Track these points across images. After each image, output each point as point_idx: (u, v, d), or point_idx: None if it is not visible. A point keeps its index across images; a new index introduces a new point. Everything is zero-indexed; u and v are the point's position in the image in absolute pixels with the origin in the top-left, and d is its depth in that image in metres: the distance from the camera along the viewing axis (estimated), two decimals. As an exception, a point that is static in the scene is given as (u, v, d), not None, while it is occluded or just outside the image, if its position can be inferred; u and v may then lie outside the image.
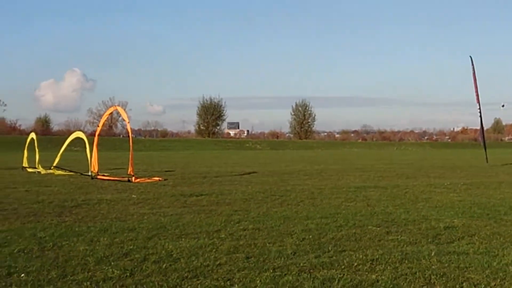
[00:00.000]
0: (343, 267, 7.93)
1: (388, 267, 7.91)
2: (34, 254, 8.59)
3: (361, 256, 8.58)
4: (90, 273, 7.42)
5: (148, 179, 23.25)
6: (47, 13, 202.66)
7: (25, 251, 8.76)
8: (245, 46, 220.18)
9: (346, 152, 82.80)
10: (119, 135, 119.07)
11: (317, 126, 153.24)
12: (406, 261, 8.27)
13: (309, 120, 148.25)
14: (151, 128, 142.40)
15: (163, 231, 10.67)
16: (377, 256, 8.56)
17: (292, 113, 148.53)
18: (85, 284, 6.95)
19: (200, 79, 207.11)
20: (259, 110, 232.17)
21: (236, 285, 7.02)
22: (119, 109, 28.40)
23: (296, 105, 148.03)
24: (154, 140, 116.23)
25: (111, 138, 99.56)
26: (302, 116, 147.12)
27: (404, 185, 20.83)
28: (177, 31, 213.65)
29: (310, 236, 10.26)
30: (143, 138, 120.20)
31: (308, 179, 24.27)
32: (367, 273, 7.63)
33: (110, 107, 37.14)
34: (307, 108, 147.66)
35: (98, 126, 28.32)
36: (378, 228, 11.16)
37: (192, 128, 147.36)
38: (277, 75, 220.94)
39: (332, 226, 11.45)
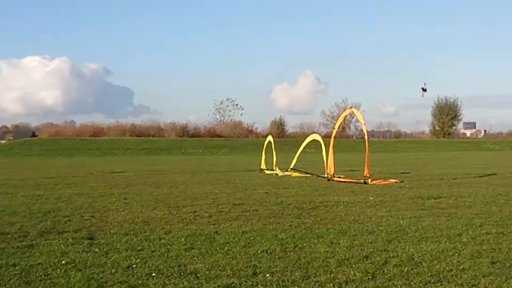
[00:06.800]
0: None
1: None
2: (277, 254, 8.87)
3: None
4: (332, 275, 7.51)
5: (384, 181, 23.12)
6: (277, 18, 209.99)
7: (268, 252, 9.07)
8: (481, 43, 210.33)
9: None
10: (352, 137, 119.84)
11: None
12: None
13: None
14: (384, 129, 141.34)
15: (402, 234, 10.54)
16: None
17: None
18: (328, 285, 7.04)
19: (435, 78, 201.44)
20: (496, 109, 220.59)
21: (483, 292, 6.72)
22: (355, 111, 28.56)
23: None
24: (387, 141, 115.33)
25: (344, 139, 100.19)
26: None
27: None
28: (409, 31, 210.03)
29: (562, 242, 9.62)
30: (376, 139, 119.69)
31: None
32: None
33: (344, 109, 37.49)
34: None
35: (333, 128, 28.70)
36: None
37: (426, 129, 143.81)
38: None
39: None
